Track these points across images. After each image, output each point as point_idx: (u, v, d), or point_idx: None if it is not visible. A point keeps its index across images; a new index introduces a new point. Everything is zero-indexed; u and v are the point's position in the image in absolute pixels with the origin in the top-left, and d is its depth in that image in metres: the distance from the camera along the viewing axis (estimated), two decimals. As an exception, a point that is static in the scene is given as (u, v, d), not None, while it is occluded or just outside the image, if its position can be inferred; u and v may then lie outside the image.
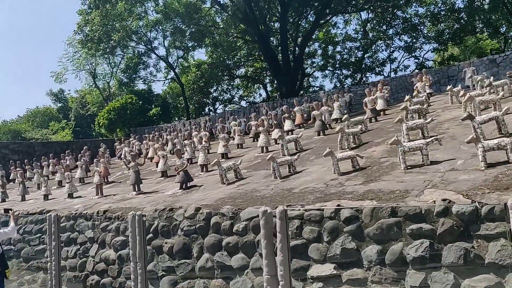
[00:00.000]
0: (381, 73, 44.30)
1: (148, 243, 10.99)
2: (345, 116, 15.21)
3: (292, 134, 18.71)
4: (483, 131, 10.01)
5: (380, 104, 18.10)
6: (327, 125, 17.81)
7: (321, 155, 13.36)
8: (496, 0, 29.81)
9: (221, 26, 43.30)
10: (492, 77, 17.64)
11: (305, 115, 21.56)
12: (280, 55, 39.73)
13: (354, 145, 13.25)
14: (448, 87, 17.19)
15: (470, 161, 9.14)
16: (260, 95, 53.69)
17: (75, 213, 13.87)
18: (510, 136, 9.84)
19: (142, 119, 39.44)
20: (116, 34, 37.50)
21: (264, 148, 16.70)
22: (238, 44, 45.01)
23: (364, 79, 45.66)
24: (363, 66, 45.16)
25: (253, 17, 34.91)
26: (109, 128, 39.80)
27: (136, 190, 15.19)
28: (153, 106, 41.66)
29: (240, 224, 9.51)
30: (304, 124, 21.05)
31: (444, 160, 9.60)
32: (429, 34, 40.86)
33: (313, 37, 43.04)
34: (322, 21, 40.02)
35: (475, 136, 8.60)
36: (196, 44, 43.69)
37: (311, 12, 39.86)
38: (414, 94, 17.14)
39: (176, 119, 48.45)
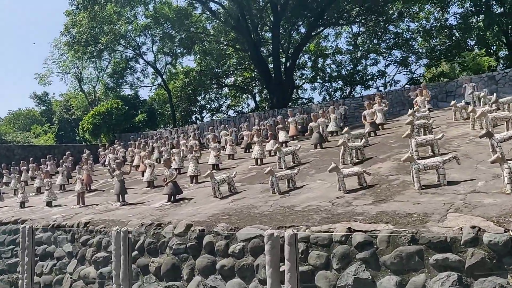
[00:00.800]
0: (371, 87, 43.98)
1: (133, 261, 10.02)
2: (346, 129, 14.41)
3: (286, 145, 17.88)
4: (502, 150, 9.25)
5: (379, 118, 17.37)
6: (325, 138, 17.01)
7: (322, 169, 12.55)
8: (491, 18, 29.46)
9: (212, 34, 42.48)
10: (495, 94, 17.05)
11: (299, 127, 20.75)
12: (271, 65, 38.99)
13: (357, 160, 12.43)
14: (452, 102, 16.54)
15: (492, 183, 8.35)
16: (248, 105, 53.02)
17: (53, 224, 12.80)
18: (532, 156, 9.10)
19: (127, 125, 38.27)
20: (104, 37, 36.38)
21: (259, 160, 15.80)
22: (228, 52, 44.21)
23: (353, 92, 45.25)
24: (353, 79, 44.66)
25: (245, 25, 34.15)
26: (93, 133, 38.55)
27: (121, 200, 14.17)
28: (139, 112, 40.51)
29: (236, 245, 8.59)
30: (298, 136, 20.23)
31: (462, 181, 8.80)
32: (420, 50, 40.56)
33: (304, 48, 42.44)
34: (314, 33, 39.42)
35: (500, 156, 7.82)
36: (185, 51, 42.78)
37: (304, 22, 39.24)
38: (415, 108, 16.43)
39: (162, 126, 47.37)
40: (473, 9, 33.76)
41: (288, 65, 38.25)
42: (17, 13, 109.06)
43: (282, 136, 18.58)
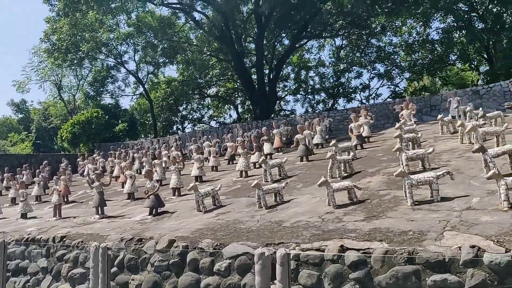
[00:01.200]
0: (354, 100, 44.03)
1: (112, 278, 9.51)
2: (333, 141, 14.12)
3: (271, 158, 17.53)
4: (496, 166, 9.03)
5: (365, 131, 17.16)
6: (311, 150, 16.71)
7: (309, 183, 12.23)
8: (473, 33, 29.74)
9: (195, 43, 42.12)
10: (480, 109, 17.02)
11: (284, 139, 20.45)
12: (254, 76, 38.72)
13: (346, 174, 12.12)
14: (439, 116, 16.42)
15: (487, 199, 8.11)
16: (231, 116, 52.65)
17: (27, 238, 12.18)
18: (525, 172, 8.90)
19: (107, 135, 37.48)
20: (85, 45, 35.76)
21: (244, 172, 15.40)
22: (211, 62, 43.86)
23: (336, 105, 45.24)
24: (335, 92, 44.70)
25: (229, 35, 33.88)
26: (72, 142, 37.63)
27: (100, 213, 13.62)
28: (119, 121, 39.78)
29: (222, 262, 8.17)
30: (283, 148, 19.91)
31: (456, 197, 8.55)
32: (403, 64, 40.75)
33: (287, 60, 42.33)
34: (297, 45, 39.37)
35: (497, 172, 7.57)
36: (167, 60, 42.34)
37: (288, 34, 39.18)
38: (402, 122, 16.23)
39: (143, 136, 46.63)
40: (455, 25, 34.13)
41: (271, 76, 38.05)
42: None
43: (267, 148, 18.24)
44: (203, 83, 45.98)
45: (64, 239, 11.42)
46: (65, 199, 17.84)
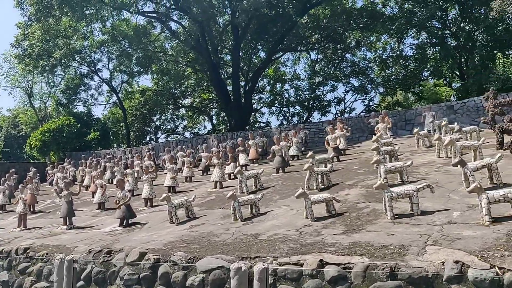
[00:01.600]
0: (328, 113, 44.16)
1: (77, 292, 9.01)
2: (310, 153, 13.90)
3: (246, 169, 17.22)
4: (476, 180, 8.92)
5: (342, 143, 17.03)
6: (287, 162, 16.47)
7: (286, 195, 11.96)
8: (447, 50, 30.19)
9: (170, 53, 41.68)
10: (456, 123, 17.12)
11: (259, 150, 20.19)
12: (230, 87, 38.46)
13: (323, 186, 11.89)
14: (415, 130, 16.44)
15: (468, 214, 7.96)
16: (205, 127, 52.20)
17: (-11, 249, 11.55)
18: (504, 186, 8.81)
19: (79, 143, 36.54)
20: (57, 51, 34.95)
21: (218, 183, 15.03)
22: (186, 73, 43.41)
23: (311, 118, 45.30)
24: (310, 105, 44.81)
25: (205, 46, 33.56)
26: (41, 150, 36.57)
27: (68, 224, 13.07)
28: (92, 130, 38.87)
29: (195, 276, 7.81)
30: (258, 159, 19.64)
31: (436, 211, 8.38)
32: (376, 79, 41.10)
33: (263, 73, 42.27)
34: (274, 57, 39.34)
35: (478, 186, 7.43)
36: (142, 69, 41.77)
37: (264, 47, 39.13)
38: (378, 134, 16.18)
39: (115, 146, 45.75)
40: (429, 41, 34.67)
41: (247, 88, 37.86)
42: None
43: (242, 159, 17.94)
44: (178, 94, 45.47)
45: (28, 251, 10.88)
46: (31, 209, 17.15)
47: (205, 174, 19.60)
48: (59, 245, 11.03)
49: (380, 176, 10.62)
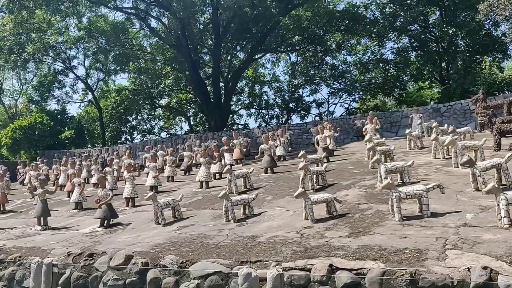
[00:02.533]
0: (306, 116, 43.76)
1: (55, 299, 8.18)
2: (302, 152, 13.31)
3: (231, 168, 16.51)
4: (485, 180, 8.46)
5: (331, 144, 16.50)
6: (275, 162, 15.83)
7: (279, 195, 11.34)
8: (429, 54, 30.07)
9: (149, 51, 40.60)
10: (447, 124, 16.82)
11: (244, 150, 19.52)
12: (209, 87, 37.58)
13: (318, 186, 11.30)
14: (407, 131, 16.04)
15: (482, 216, 7.47)
16: (182, 128, 51.21)
17: (-44, 251, 10.57)
18: (515, 187, 8.38)
19: (52, 142, 35.18)
20: (31, 46, 33.57)
21: (204, 183, 14.29)
22: (164, 72, 42.26)
23: (290, 121, 44.83)
24: (289, 107, 44.41)
25: (186, 44, 32.66)
26: (12, 149, 35.04)
27: (42, 224, 12.14)
28: (66, 128, 37.50)
29: (189, 283, 7.11)
30: (242, 160, 18.96)
31: (446, 212, 7.86)
32: (356, 83, 40.84)
33: (242, 74, 41.58)
34: (256, 56, 38.72)
35: (496, 186, 6.93)
36: (119, 68, 40.54)
37: (245, 46, 38.46)
38: (370, 135, 15.66)
39: (89, 146, 44.36)
40: (410, 45, 34.62)
41: (227, 88, 37.09)
42: None
43: (227, 158, 17.26)
44: (155, 93, 44.43)
45: (-1, 253, 9.97)
46: (2, 208, 16.12)
47: (187, 174, 18.83)
48: (34, 247, 10.16)
49: (380, 176, 10.08)
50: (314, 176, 11.21)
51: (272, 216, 9.48)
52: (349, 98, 42.76)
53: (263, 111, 46.83)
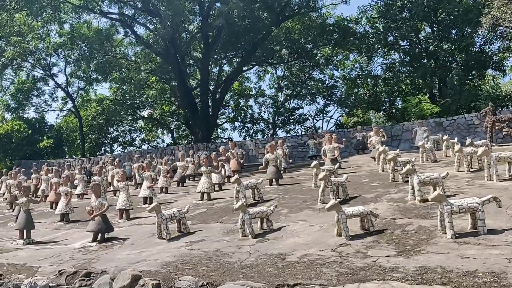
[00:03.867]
0: (292, 131, 42.92)
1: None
2: (314, 163, 12.28)
3: (229, 180, 15.37)
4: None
5: (337, 156, 15.49)
6: (281, 173, 14.71)
7: (295, 208, 10.23)
8: (425, 68, 29.54)
9: (133, 60, 39.18)
10: (456, 138, 16.04)
11: (241, 161, 18.40)
12: (197, 99, 36.33)
13: (339, 199, 10.24)
14: (420, 143, 15.21)
15: (550, 233, 6.51)
16: (163, 141, 49.73)
17: None
18: None
19: (29, 151, 33.43)
20: (10, 50, 31.99)
21: (206, 194, 13.08)
22: (148, 82, 40.79)
23: (275, 135, 43.86)
24: (275, 122, 43.55)
25: (174, 53, 31.46)
26: (-15, 158, 33.31)
27: (25, 237, 10.76)
28: (44, 137, 35.76)
29: (215, 309, 5.91)
30: (239, 171, 17.82)
31: (504, 229, 6.89)
32: (343, 98, 40.18)
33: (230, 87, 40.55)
34: (245, 68, 37.79)
35: None
36: (101, 77, 39.01)
37: (234, 57, 37.49)
38: (383, 147, 14.72)
39: (67, 156, 42.49)
40: (400, 61, 34.18)
41: (215, 99, 35.98)
42: None
43: (226, 169, 16.11)
44: (138, 104, 42.95)
45: (-23, 270, 8.60)
46: (-23, 220, 14.63)
47: (180, 185, 17.60)
48: (17, 263, 8.83)
49: (412, 188, 9.10)
50: (335, 187, 10.14)
51: (296, 232, 8.36)
52: (338, 113, 42.22)
53: (248, 125, 45.86)
